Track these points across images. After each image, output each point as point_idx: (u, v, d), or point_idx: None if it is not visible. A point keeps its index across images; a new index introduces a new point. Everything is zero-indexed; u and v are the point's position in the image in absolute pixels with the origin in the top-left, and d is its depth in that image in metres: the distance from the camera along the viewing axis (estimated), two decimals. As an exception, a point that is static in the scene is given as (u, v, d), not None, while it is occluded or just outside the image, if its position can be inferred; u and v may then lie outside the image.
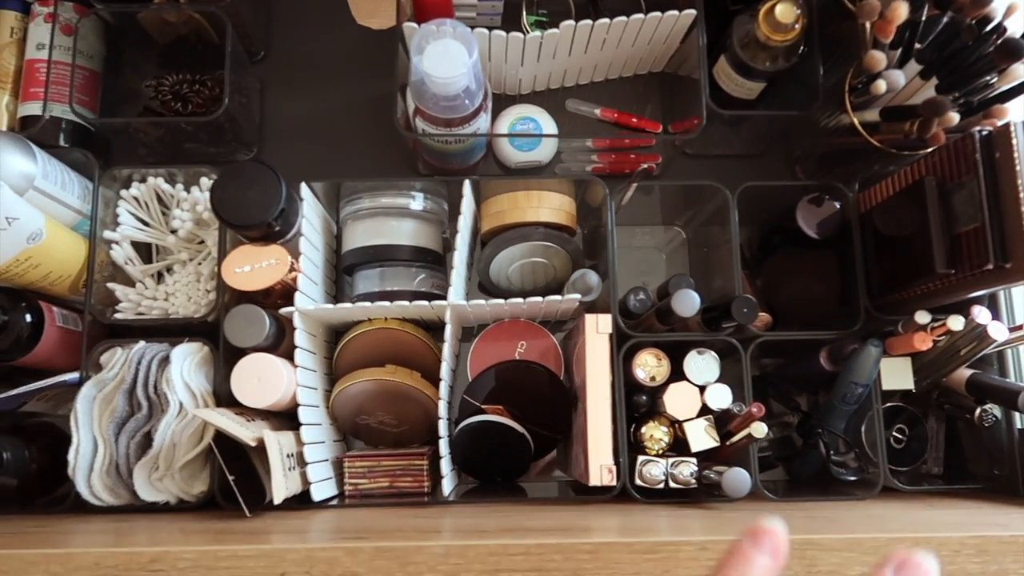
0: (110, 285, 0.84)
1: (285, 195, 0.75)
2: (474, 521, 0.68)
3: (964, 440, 0.89)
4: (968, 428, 0.88)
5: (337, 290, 0.96)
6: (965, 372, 0.83)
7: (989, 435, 0.85)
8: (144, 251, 0.90)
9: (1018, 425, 0.83)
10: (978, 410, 0.81)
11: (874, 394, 0.81)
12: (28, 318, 0.78)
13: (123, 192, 0.87)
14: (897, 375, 0.82)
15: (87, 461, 0.75)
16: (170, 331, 0.83)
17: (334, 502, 0.81)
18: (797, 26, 0.85)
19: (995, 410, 0.81)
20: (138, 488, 0.75)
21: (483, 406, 0.89)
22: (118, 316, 0.84)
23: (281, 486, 0.70)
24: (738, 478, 0.72)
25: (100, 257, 0.84)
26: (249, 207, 0.75)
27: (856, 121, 0.85)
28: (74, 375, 0.79)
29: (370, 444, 0.92)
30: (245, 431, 0.70)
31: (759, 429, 0.75)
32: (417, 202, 0.88)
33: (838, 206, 0.87)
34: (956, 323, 0.73)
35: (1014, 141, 0.69)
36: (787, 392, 0.92)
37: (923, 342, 0.75)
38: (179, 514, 0.76)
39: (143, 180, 0.87)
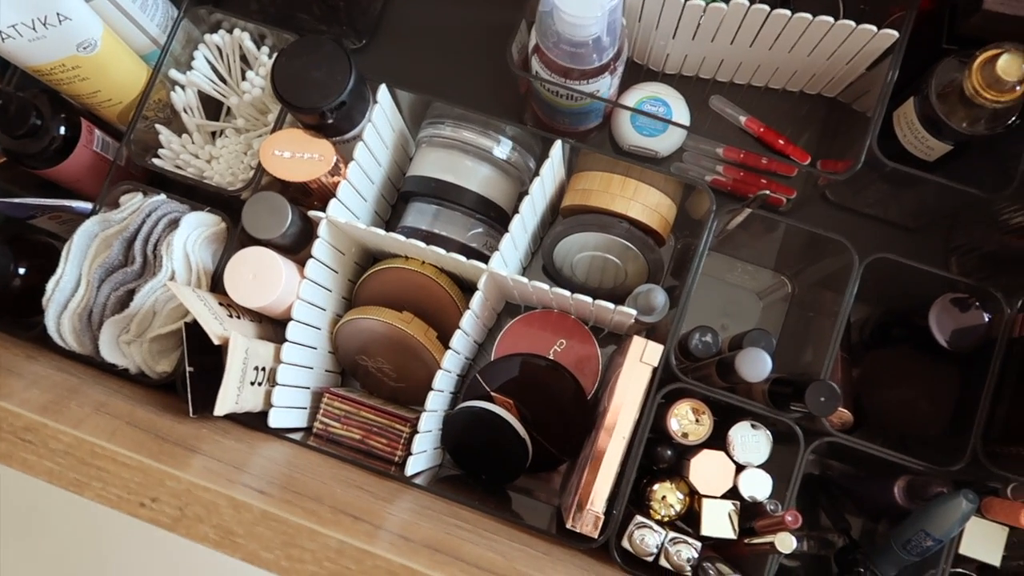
0: (159, 126, 0.78)
1: (351, 88, 0.66)
2: (414, 520, 0.57)
3: (1039, 649, 0.71)
4: (1048, 638, 0.70)
5: (392, 217, 0.87)
6: (1072, 573, 0.65)
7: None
8: (214, 112, 0.83)
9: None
10: (1072, 625, 0.63)
11: (945, 554, 0.65)
12: (63, 130, 0.73)
13: (207, 37, 0.80)
14: (984, 544, 0.65)
15: (64, 296, 0.70)
16: (199, 196, 0.75)
17: (297, 436, 0.73)
18: (1019, 88, 0.67)
19: (1094, 634, 0.63)
20: (102, 345, 0.68)
21: (493, 393, 0.78)
22: (155, 161, 0.77)
23: (230, 397, 0.61)
24: (738, 591, 0.59)
25: (159, 94, 0.78)
26: (309, 88, 0.66)
27: (1048, 226, 0.67)
28: (85, 204, 0.73)
29: (365, 388, 0.83)
30: (215, 324, 0.62)
31: (786, 542, 0.60)
32: (502, 149, 0.77)
33: (987, 319, 0.70)
34: (1087, 516, 0.56)
35: None
36: (842, 508, 0.77)
37: (1033, 521, 0.58)
38: (134, 386, 0.70)
39: (230, 31, 0.80)
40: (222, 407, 0.60)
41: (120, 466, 0.45)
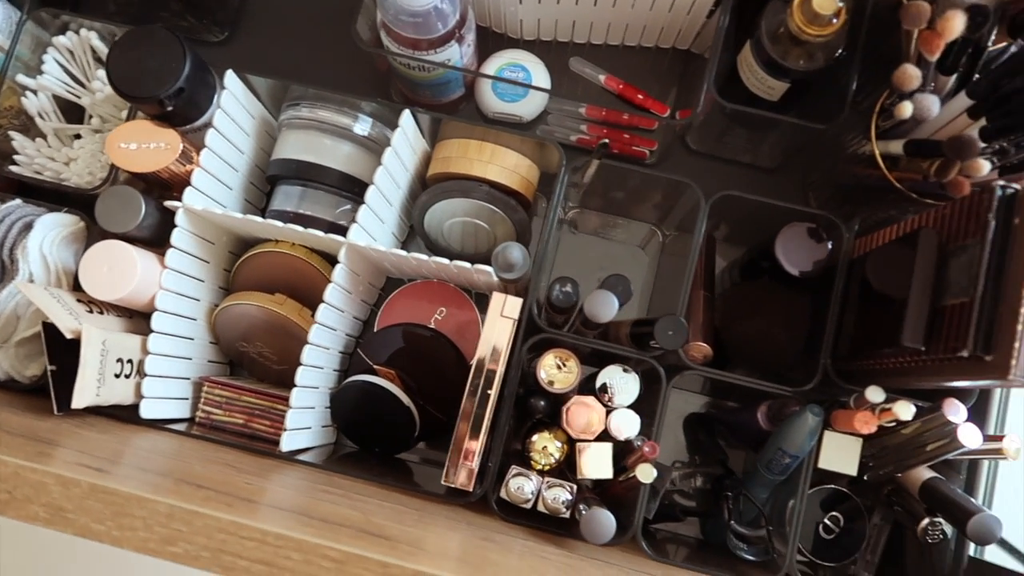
0: (12, 133, 0.77)
1: (188, 74, 0.66)
2: (274, 488, 0.58)
3: (909, 551, 0.74)
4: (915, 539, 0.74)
5: (268, 202, 0.87)
6: (925, 473, 0.69)
7: (937, 553, 0.71)
8: (77, 117, 0.82)
9: (970, 552, 0.69)
10: (925, 521, 0.67)
11: (804, 470, 0.68)
12: (-93, 145, 0.72)
13: (55, 39, 0.79)
14: (840, 456, 0.69)
15: (-78, 310, 0.69)
16: (68, 199, 0.75)
17: (182, 426, 0.73)
18: (836, 21, 0.71)
19: (945, 527, 0.67)
20: (-35, 353, 0.68)
21: (376, 366, 0.79)
22: (12, 168, 0.77)
23: (88, 389, 0.62)
24: (599, 521, 0.61)
25: (10, 101, 0.77)
26: (144, 77, 0.66)
27: (876, 150, 0.71)
28: (-61, 217, 0.72)
29: (253, 376, 0.84)
30: (69, 319, 0.62)
31: (646, 472, 0.63)
32: (361, 125, 0.78)
33: (830, 245, 0.74)
34: (905, 411, 0.60)
35: (1044, 210, 0.55)
36: (719, 441, 0.80)
37: (865, 424, 0.61)
38: (2, 392, 0.70)
39: (78, 31, 0.79)
40: (80, 400, 0.61)
41: (-55, 457, 0.45)
